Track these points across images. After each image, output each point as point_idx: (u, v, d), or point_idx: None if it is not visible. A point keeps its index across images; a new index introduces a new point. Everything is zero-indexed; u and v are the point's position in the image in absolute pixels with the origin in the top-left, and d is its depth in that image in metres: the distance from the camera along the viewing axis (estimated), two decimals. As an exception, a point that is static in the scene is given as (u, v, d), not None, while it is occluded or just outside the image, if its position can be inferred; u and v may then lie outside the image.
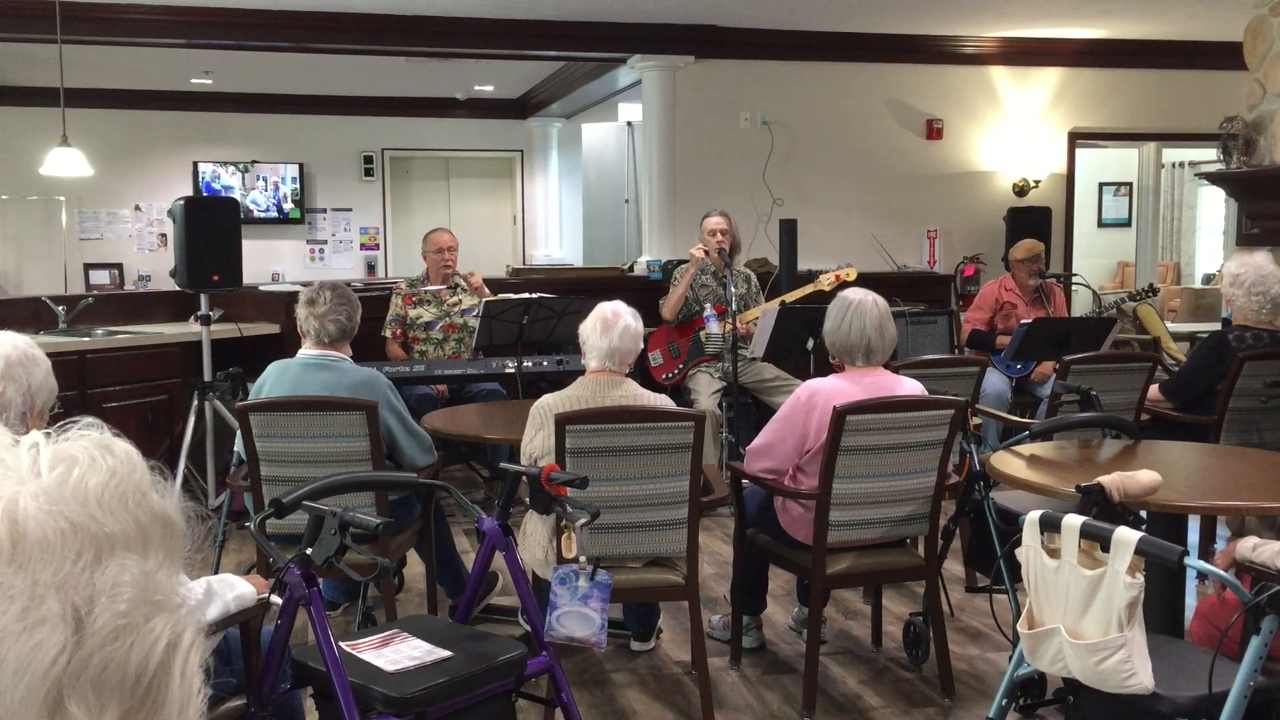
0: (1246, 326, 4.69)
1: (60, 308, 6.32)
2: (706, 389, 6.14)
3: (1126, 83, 9.05)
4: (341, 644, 2.66)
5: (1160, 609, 3.16)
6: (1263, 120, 5.27)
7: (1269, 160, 5.22)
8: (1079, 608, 2.38)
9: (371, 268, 12.14)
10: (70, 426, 0.79)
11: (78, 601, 0.70)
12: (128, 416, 5.81)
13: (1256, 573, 2.71)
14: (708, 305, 6.23)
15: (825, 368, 4.14)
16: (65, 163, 6.67)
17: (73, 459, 0.74)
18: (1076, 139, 9.16)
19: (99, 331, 6.27)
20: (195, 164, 11.47)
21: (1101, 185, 13.11)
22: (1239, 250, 5.19)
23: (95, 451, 0.75)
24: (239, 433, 3.86)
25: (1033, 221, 8.40)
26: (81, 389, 5.67)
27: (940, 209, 8.88)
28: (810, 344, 5.53)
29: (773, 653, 4.11)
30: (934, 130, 8.85)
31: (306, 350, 4.06)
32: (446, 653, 2.71)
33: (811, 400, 3.62)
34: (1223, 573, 2.40)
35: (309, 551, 2.53)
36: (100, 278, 11.15)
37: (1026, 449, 3.61)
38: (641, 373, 6.21)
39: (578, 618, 3.03)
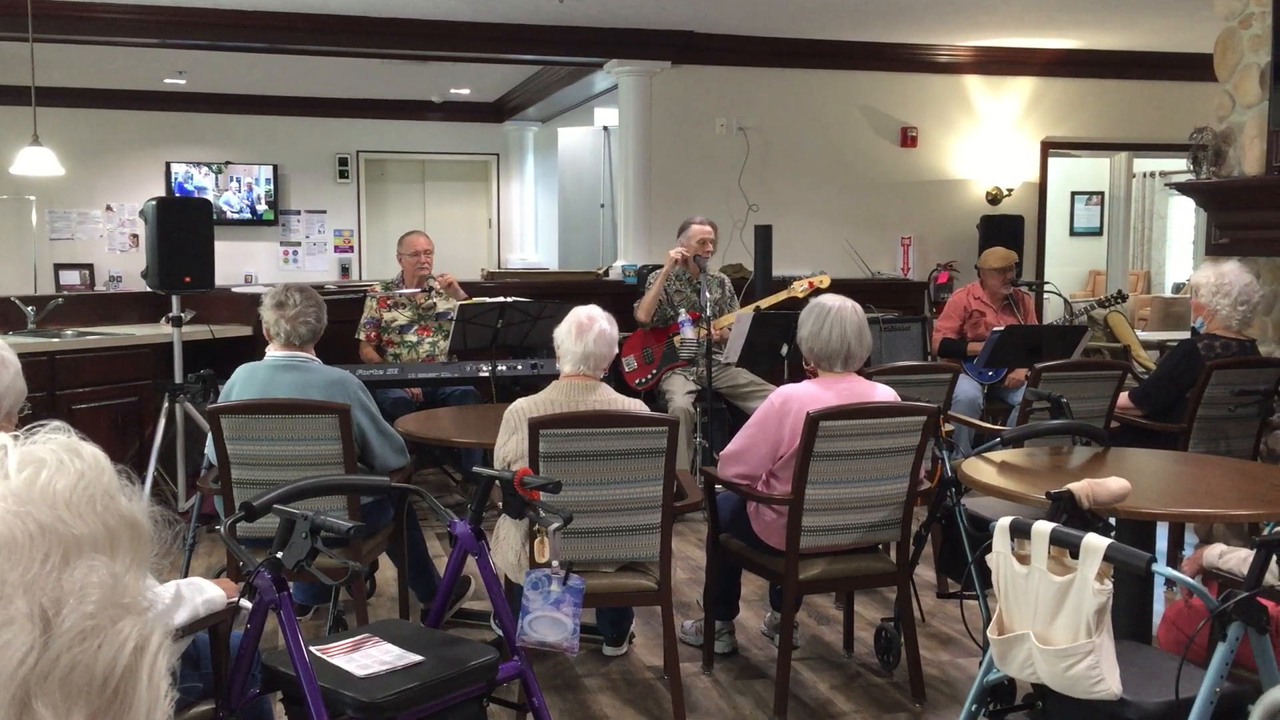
0: (1216, 335, 4.73)
1: (29, 308, 6.26)
2: (681, 388, 6.16)
3: (1099, 93, 9.13)
4: (312, 648, 2.65)
5: (1128, 615, 3.18)
6: (1232, 131, 5.32)
7: (1238, 171, 5.27)
8: (1048, 614, 2.39)
9: (346, 270, 12.09)
10: (38, 429, 0.78)
11: (45, 603, 0.69)
12: (97, 418, 5.76)
13: (1223, 579, 2.74)
14: (682, 311, 6.24)
15: (799, 373, 4.16)
16: (36, 162, 6.61)
17: (41, 461, 0.74)
18: (1049, 148, 9.24)
19: (69, 332, 6.21)
20: (168, 164, 11.40)
21: (1074, 194, 13.23)
22: (1208, 260, 5.25)
23: (63, 454, 0.75)
24: (210, 435, 3.83)
25: (1005, 229, 8.47)
26: (51, 390, 5.62)
27: (914, 216, 8.93)
28: (784, 349, 5.55)
29: (745, 658, 4.12)
30: (908, 138, 8.90)
31: (274, 352, 4.04)
32: (418, 657, 2.70)
33: (785, 406, 3.62)
34: (1190, 579, 2.42)
35: (280, 555, 2.51)
36: (71, 278, 11.05)
37: (998, 455, 3.63)
38: (615, 377, 6.21)
39: (550, 622, 3.02)
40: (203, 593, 2.50)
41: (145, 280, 5.65)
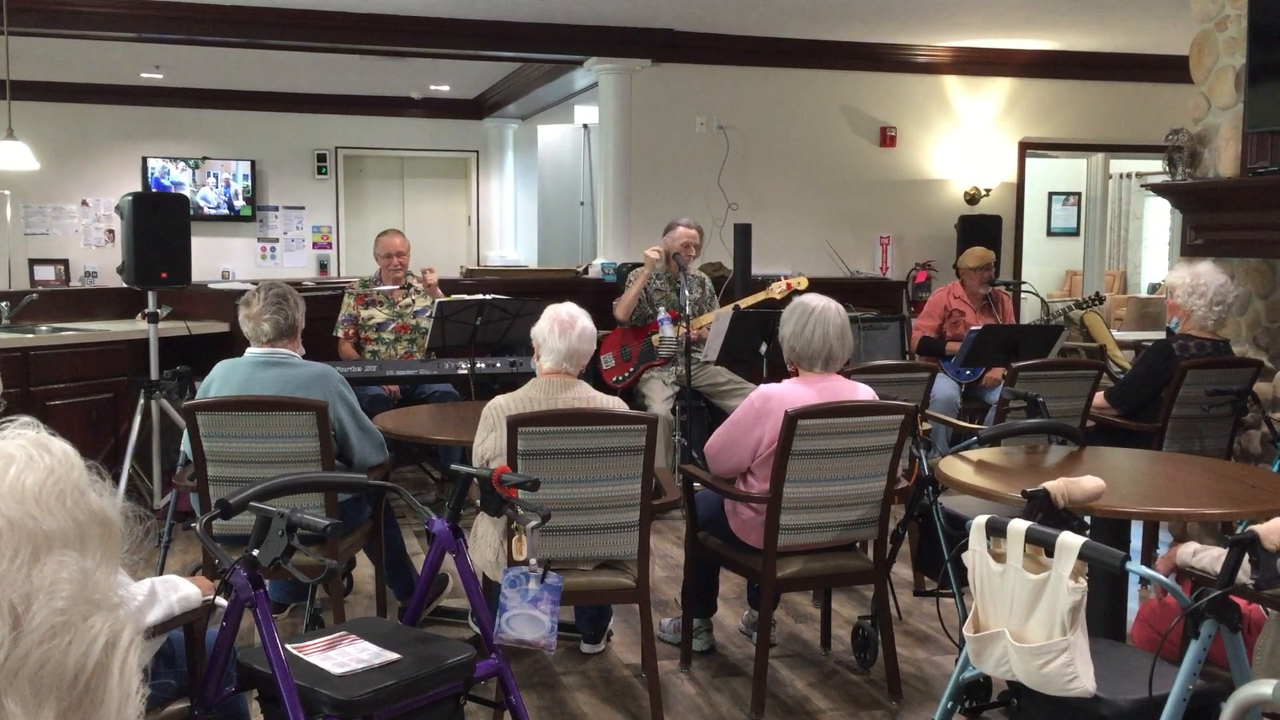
0: (1190, 336, 4.77)
1: (3, 303, 6.21)
2: (659, 394, 6.15)
3: (1076, 94, 9.19)
4: (288, 646, 2.64)
5: (1103, 613, 3.20)
6: (1207, 133, 5.36)
7: (1213, 172, 5.31)
8: (1023, 611, 2.41)
9: (324, 266, 12.03)
10: (6, 425, 0.78)
11: (15, 599, 0.69)
12: (72, 415, 5.72)
13: (1196, 578, 2.76)
14: (662, 309, 6.24)
15: (778, 372, 4.17)
16: (11, 156, 6.55)
17: (10, 457, 0.73)
18: (1027, 148, 9.29)
19: (43, 328, 6.16)
20: (144, 159, 11.32)
21: (1051, 194, 13.30)
22: (1183, 261, 5.28)
23: (33, 450, 0.74)
24: (186, 432, 3.81)
25: (983, 229, 8.51)
26: (25, 386, 5.57)
27: (893, 215, 8.96)
28: (764, 348, 5.56)
29: (723, 655, 4.13)
30: (887, 138, 8.93)
31: (253, 349, 4.02)
32: (395, 655, 2.70)
33: (765, 405, 3.63)
34: (1164, 578, 2.44)
35: (256, 553, 2.50)
36: (46, 273, 10.96)
37: (974, 454, 3.64)
38: (593, 375, 6.21)
39: (528, 620, 3.02)
40: (178, 590, 2.48)
41: (121, 276, 5.61)
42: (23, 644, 0.68)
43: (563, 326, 3.54)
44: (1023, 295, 8.70)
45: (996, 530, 2.47)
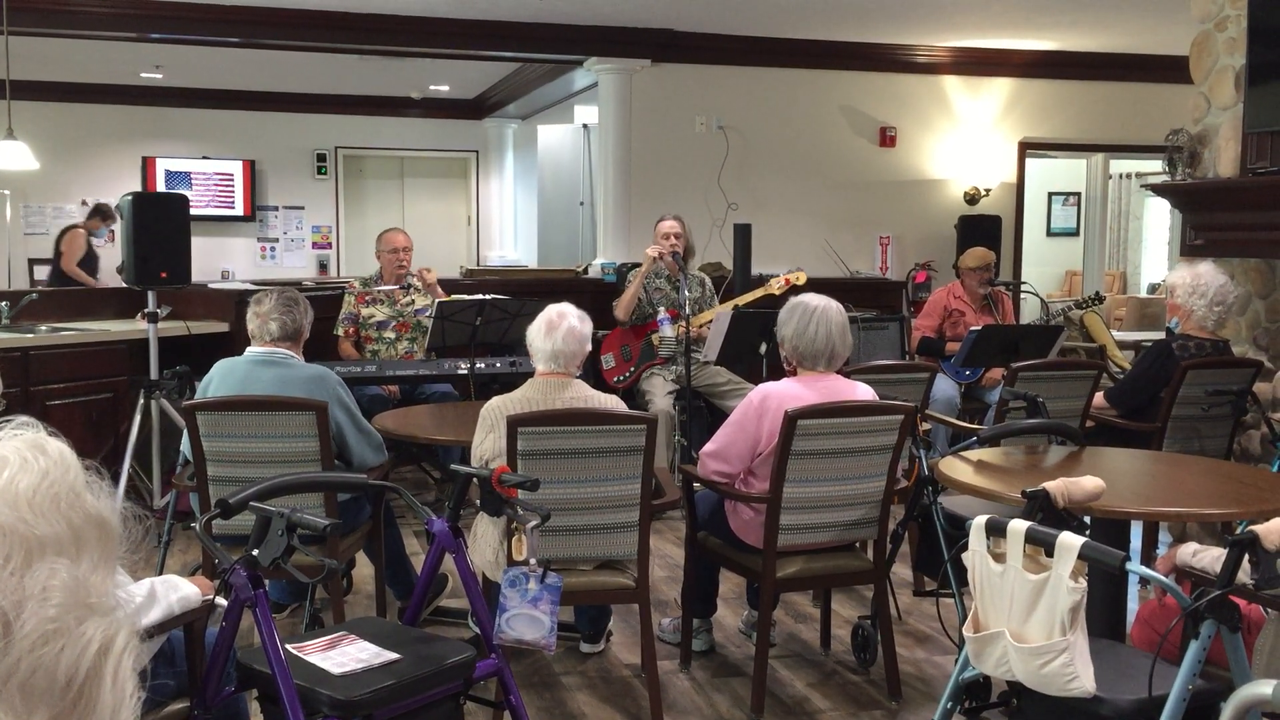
0: (1190, 336, 4.77)
1: (3, 303, 6.20)
2: (661, 390, 6.15)
3: (1076, 94, 9.19)
4: (288, 646, 2.64)
5: (1102, 613, 3.20)
6: (1207, 133, 5.36)
7: (1213, 173, 5.31)
8: (1023, 612, 2.40)
9: (324, 266, 12.04)
10: (4, 425, 0.77)
11: (6, 606, 0.68)
12: (72, 415, 5.71)
13: (1196, 578, 2.76)
14: (661, 309, 6.24)
15: (778, 371, 4.16)
16: (10, 156, 6.55)
17: (3, 460, 0.73)
18: (1027, 149, 9.29)
19: (43, 328, 6.16)
20: (151, 159, 11.32)
21: (1050, 195, 13.30)
22: (1183, 261, 5.28)
23: (27, 452, 0.73)
24: (185, 432, 3.81)
25: (983, 229, 8.51)
26: (25, 386, 5.57)
27: (893, 215, 8.96)
28: (763, 348, 5.55)
29: (722, 656, 4.13)
30: (887, 138, 8.93)
31: (253, 349, 4.02)
32: (395, 655, 2.70)
33: (764, 404, 3.63)
34: (1163, 578, 2.44)
35: (255, 553, 2.50)
36: (45, 273, 10.95)
37: (974, 454, 3.64)
38: (594, 375, 6.21)
39: (527, 620, 3.02)
40: (177, 590, 2.48)
41: (121, 276, 5.61)
42: (13, 651, 0.68)
43: (549, 327, 3.55)
44: (1022, 295, 8.70)
45: (996, 530, 2.47)
